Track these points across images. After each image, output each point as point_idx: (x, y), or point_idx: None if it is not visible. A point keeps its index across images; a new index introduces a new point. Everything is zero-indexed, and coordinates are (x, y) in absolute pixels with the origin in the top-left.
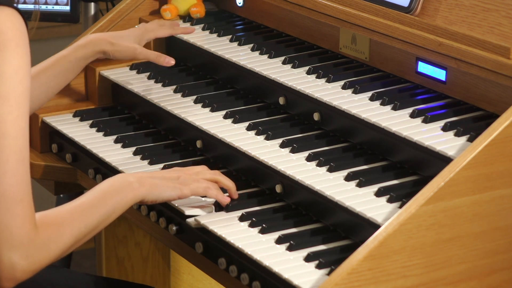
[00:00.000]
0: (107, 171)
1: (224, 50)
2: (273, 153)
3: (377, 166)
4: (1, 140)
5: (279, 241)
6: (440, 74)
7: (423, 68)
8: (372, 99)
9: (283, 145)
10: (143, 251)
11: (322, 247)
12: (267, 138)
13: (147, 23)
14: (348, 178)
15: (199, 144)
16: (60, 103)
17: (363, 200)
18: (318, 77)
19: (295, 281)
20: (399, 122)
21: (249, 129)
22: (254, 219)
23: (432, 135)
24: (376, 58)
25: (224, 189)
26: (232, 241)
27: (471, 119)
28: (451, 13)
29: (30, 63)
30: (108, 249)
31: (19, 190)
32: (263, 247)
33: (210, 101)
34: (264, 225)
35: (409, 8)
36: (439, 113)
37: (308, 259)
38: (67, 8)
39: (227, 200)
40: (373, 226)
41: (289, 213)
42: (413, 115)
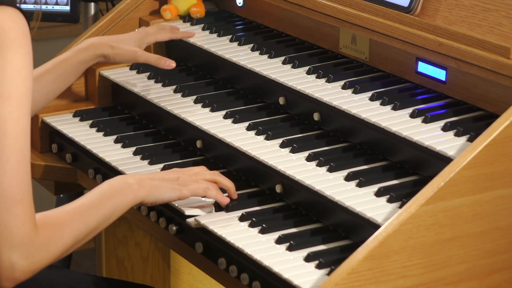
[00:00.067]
0: (107, 171)
1: (224, 50)
2: (273, 153)
3: (377, 166)
4: (1, 140)
5: (279, 241)
6: (440, 74)
7: (423, 68)
8: (372, 99)
9: (283, 145)
10: (143, 251)
11: (322, 247)
12: (267, 138)
13: (147, 26)
14: (348, 178)
15: (199, 144)
16: (60, 103)
17: (363, 200)
18: (318, 77)
19: (295, 281)
20: (399, 122)
21: (249, 129)
22: (254, 219)
23: (432, 135)
24: (376, 58)
25: (224, 189)
26: (232, 241)
27: (471, 119)
28: (451, 13)
29: (32, 63)
30: (108, 249)
31: (19, 190)
32: (263, 247)
33: (210, 101)
34: (264, 225)
35: (409, 8)
36: (439, 113)
37: (308, 259)
38: (67, 8)
39: (226, 201)
40: (373, 226)
41: (289, 213)
42: (413, 115)
